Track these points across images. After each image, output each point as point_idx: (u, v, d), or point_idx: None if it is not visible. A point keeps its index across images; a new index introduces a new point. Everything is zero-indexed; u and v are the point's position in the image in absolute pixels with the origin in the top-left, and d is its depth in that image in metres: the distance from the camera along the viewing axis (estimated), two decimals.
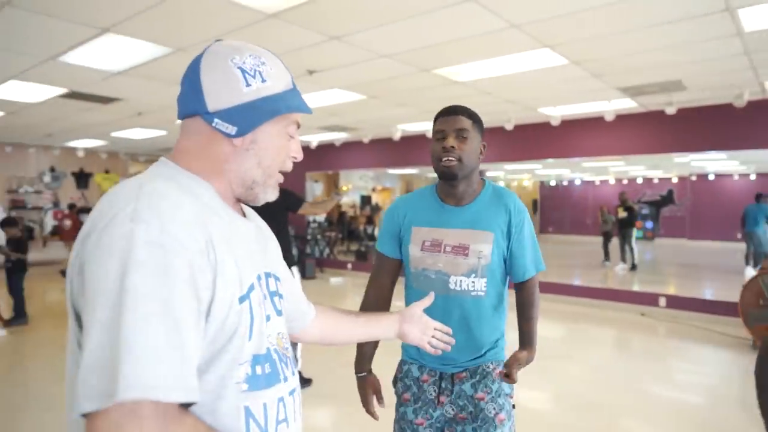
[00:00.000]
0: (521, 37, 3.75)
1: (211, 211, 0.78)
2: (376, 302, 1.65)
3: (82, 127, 8.16)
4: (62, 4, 3.26)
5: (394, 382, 1.69)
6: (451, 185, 1.54)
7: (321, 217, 10.59)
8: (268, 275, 0.88)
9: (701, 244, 14.28)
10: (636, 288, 8.01)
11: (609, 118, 6.13)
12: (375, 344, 1.64)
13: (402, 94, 5.73)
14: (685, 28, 3.55)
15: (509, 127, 7.00)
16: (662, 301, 6.52)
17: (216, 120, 0.80)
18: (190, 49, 4.11)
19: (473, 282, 1.51)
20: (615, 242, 10.34)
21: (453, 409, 1.54)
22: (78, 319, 0.70)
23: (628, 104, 6.05)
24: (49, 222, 11.03)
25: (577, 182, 17.32)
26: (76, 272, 0.69)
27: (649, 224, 15.67)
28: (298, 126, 0.91)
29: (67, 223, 9.50)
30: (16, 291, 5.76)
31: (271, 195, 0.90)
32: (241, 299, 0.76)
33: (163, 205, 0.70)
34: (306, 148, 10.17)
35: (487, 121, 7.31)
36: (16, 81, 5.13)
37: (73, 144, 10.38)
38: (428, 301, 1.26)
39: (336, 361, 4.21)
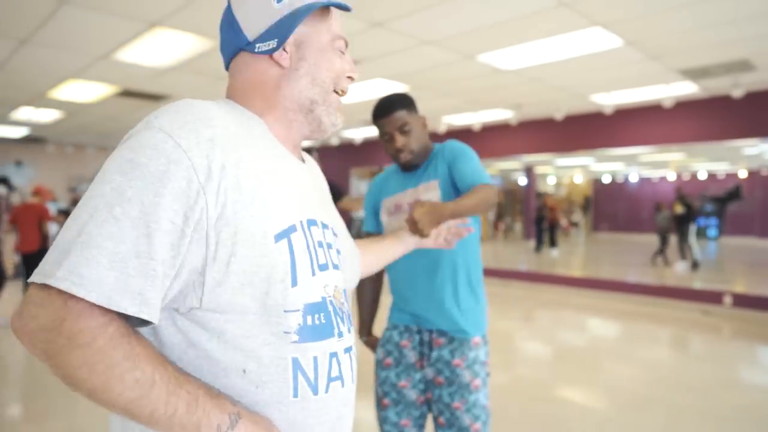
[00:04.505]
0: (571, 16, 3.57)
1: (255, 142, 0.75)
2: (368, 279, 1.80)
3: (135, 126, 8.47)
4: (114, 0, 3.36)
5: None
6: (414, 168, 1.70)
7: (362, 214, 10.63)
8: (325, 226, 0.83)
9: None
10: (698, 286, 7.55)
11: (667, 104, 5.78)
12: (371, 311, 1.83)
13: (447, 84, 5.61)
14: None
15: (559, 116, 6.74)
16: (727, 300, 6.09)
17: (258, 45, 0.77)
18: None
19: None
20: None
21: (432, 372, 1.62)
22: None
23: (688, 89, 5.69)
24: None
25: (633, 178, 16.59)
26: None
27: (712, 221, 14.80)
28: (347, 44, 0.86)
29: None
30: None
31: (337, 118, 0.85)
32: (277, 237, 0.71)
33: (187, 117, 0.68)
34: (350, 145, 10.19)
35: (535, 112, 7.10)
36: (73, 80, 5.37)
37: None
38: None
39: None
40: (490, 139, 8.29)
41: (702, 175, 15.12)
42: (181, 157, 0.64)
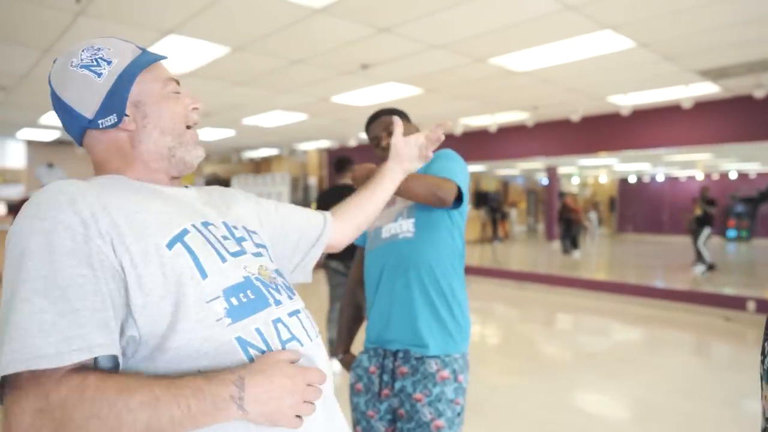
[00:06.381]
0: (578, 19, 3.53)
1: (118, 190, 0.81)
2: (353, 296, 1.79)
3: None
4: (128, 10, 3.47)
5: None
6: None
7: None
8: (230, 226, 0.91)
9: None
10: (719, 290, 7.34)
11: (687, 105, 5.64)
12: (350, 328, 1.79)
13: (460, 87, 5.59)
14: None
15: (575, 118, 6.65)
16: (751, 306, 5.92)
17: (100, 121, 0.83)
18: (247, 48, 4.23)
19: (400, 225, 1.57)
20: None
21: (396, 403, 1.54)
22: None
23: (708, 89, 5.55)
24: None
25: (660, 178, 16.21)
26: None
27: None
28: (178, 83, 0.93)
29: None
30: None
31: (197, 151, 0.92)
32: (170, 244, 0.77)
33: (40, 199, 0.73)
34: (368, 145, 10.23)
35: (551, 113, 7.03)
36: None
37: None
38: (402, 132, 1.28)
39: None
40: (507, 141, 8.22)
41: (733, 175, 14.67)
42: (53, 225, 0.70)
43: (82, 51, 0.84)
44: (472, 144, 8.63)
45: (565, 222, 11.34)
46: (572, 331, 5.98)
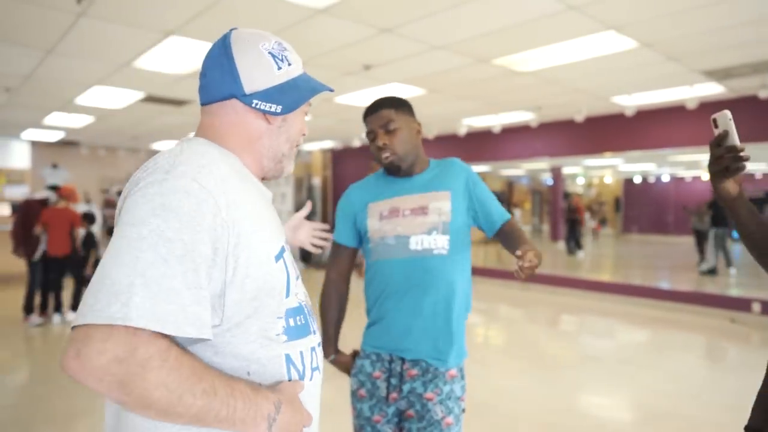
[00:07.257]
0: (582, 20, 3.50)
1: (243, 177, 0.86)
2: (336, 293, 1.67)
3: (161, 130, 8.73)
4: (130, 11, 3.47)
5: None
6: (399, 172, 1.60)
7: None
8: (286, 248, 0.95)
9: None
10: (724, 292, 7.28)
11: (691, 105, 5.60)
12: (337, 327, 1.68)
13: (463, 88, 5.57)
14: None
15: (579, 118, 6.61)
16: (756, 307, 5.87)
17: (255, 101, 0.86)
18: None
19: (434, 239, 1.51)
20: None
21: (404, 404, 1.52)
22: None
23: (714, 89, 5.50)
24: None
25: (665, 178, 16.12)
26: (119, 215, 0.77)
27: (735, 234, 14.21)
28: (309, 105, 1.00)
29: None
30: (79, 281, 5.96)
31: (292, 167, 0.99)
32: (277, 257, 0.83)
33: (199, 161, 0.78)
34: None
35: (555, 114, 7.00)
36: (99, 86, 5.55)
37: (156, 146, 11.13)
38: (307, 209, 1.45)
39: None
40: (511, 141, 8.19)
41: None
42: (207, 196, 0.74)
43: (275, 42, 0.90)
44: (476, 144, 8.60)
45: (570, 222, 11.29)
46: (577, 333, 5.95)
